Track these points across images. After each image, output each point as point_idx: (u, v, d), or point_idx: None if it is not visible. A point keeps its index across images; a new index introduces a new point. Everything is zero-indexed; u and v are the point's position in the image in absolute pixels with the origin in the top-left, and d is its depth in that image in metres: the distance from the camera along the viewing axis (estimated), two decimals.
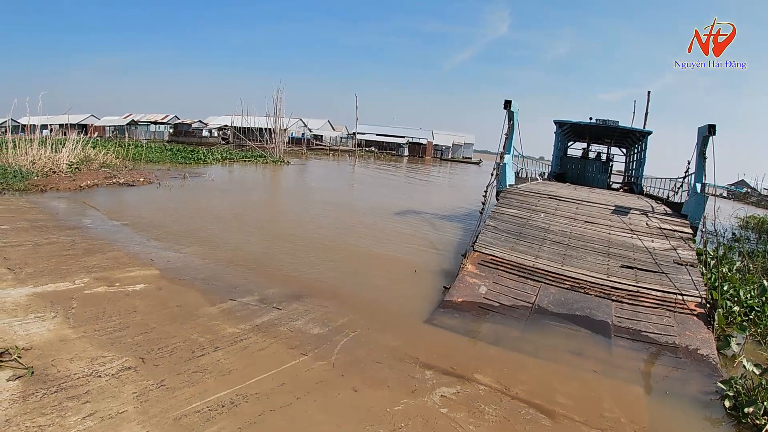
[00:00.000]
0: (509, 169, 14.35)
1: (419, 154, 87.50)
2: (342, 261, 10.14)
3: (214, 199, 18.04)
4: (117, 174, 21.10)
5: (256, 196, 21.07)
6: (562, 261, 9.37)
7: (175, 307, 6.66)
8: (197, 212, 14.86)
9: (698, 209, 11.88)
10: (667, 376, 6.22)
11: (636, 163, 25.08)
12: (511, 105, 13.29)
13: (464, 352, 6.22)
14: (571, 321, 7.42)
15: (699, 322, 7.60)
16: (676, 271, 9.13)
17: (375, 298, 8.06)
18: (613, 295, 8.23)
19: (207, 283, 7.86)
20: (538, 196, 13.46)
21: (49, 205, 13.71)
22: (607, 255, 9.74)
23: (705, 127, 12.02)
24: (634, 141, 25.16)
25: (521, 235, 10.48)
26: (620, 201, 14.52)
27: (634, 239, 10.56)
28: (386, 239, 12.65)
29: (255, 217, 15.16)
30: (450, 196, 27.44)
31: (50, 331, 5.47)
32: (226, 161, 36.87)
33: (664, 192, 19.15)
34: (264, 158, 41.90)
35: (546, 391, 5.29)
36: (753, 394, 5.46)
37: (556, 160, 25.75)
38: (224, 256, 9.69)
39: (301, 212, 16.87)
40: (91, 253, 8.91)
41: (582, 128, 24.17)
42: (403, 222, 15.69)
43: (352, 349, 5.85)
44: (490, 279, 8.59)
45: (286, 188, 27.03)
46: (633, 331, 7.23)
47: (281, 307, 7.05)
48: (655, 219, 11.99)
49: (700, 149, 12.56)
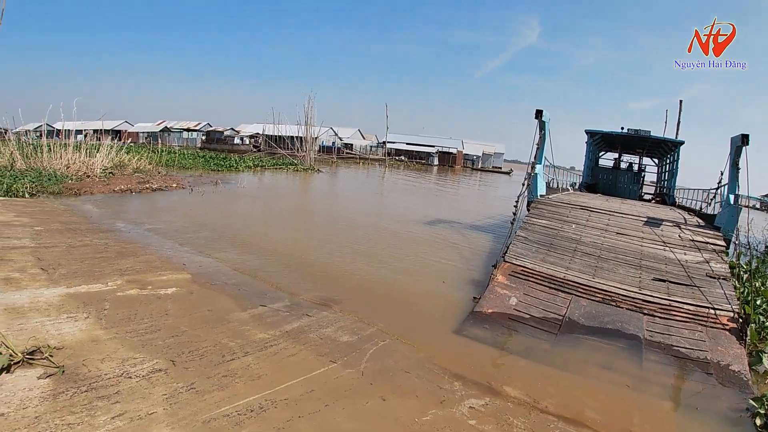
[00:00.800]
0: (540, 179, 14.34)
1: (449, 164, 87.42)
2: (371, 270, 10.25)
3: (246, 206, 18.36)
4: (150, 179, 21.66)
5: (287, 204, 21.36)
6: (593, 273, 9.37)
7: (206, 311, 6.81)
8: (229, 218, 15.14)
9: (731, 221, 11.75)
10: (698, 391, 6.19)
11: (668, 174, 24.75)
12: (543, 114, 13.31)
13: (493, 363, 6.30)
14: (601, 334, 7.42)
15: (731, 337, 7.54)
16: (708, 285, 9.06)
17: (404, 307, 8.15)
18: (644, 309, 8.20)
19: (238, 289, 8.02)
20: (570, 206, 13.43)
21: (82, 208, 14.12)
22: (639, 267, 9.70)
23: (738, 137, 11.90)
24: (666, 151, 24.83)
25: (552, 246, 10.49)
26: (652, 212, 14.41)
27: (667, 251, 10.50)
28: (416, 248, 12.73)
29: (286, 224, 15.40)
30: (480, 205, 27.37)
31: (82, 331, 5.60)
32: (258, 168, 37.42)
33: (696, 203, 18.91)
34: (295, 166, 42.39)
35: (575, 405, 5.32)
36: None
37: (587, 171, 25.59)
38: (255, 262, 9.88)
39: (332, 220, 17.08)
40: (124, 256, 9.14)
41: (613, 138, 23.95)
42: (432, 231, 15.75)
43: (381, 357, 5.94)
44: (521, 290, 8.63)
45: (317, 196, 27.26)
46: (664, 346, 7.20)
47: (311, 314, 7.17)
48: (688, 231, 11.90)
49: (733, 159, 12.42)
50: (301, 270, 9.64)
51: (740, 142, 11.81)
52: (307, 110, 52.97)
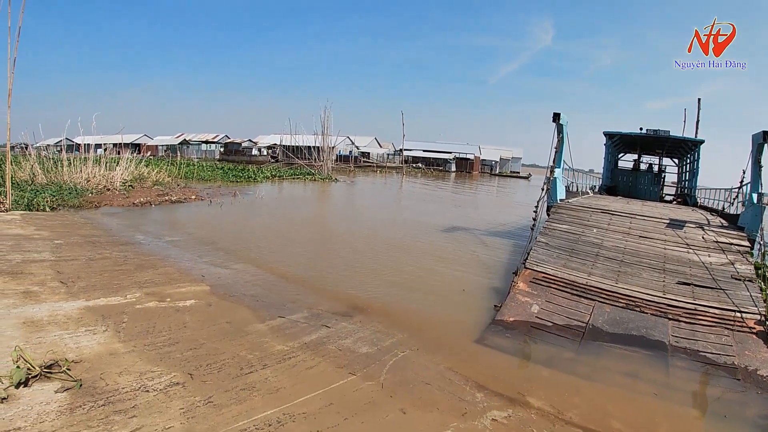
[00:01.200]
0: (560, 183, 14.22)
1: (466, 170, 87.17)
2: (390, 279, 10.22)
3: (264, 217, 18.48)
4: (169, 191, 21.95)
5: (305, 214, 21.42)
6: (616, 278, 9.25)
7: (225, 323, 6.82)
8: (247, 229, 15.26)
9: (755, 221, 11.55)
10: (726, 398, 6.07)
11: (689, 174, 24.38)
12: (560, 118, 13.20)
13: (516, 373, 6.24)
14: (626, 341, 7.32)
15: (758, 340, 7.40)
16: (734, 287, 8.91)
17: (424, 317, 8.09)
18: (669, 314, 8.07)
19: (256, 300, 8.05)
20: (590, 210, 13.30)
21: (102, 221, 14.36)
22: (662, 271, 9.56)
23: (759, 134, 11.69)
24: (686, 151, 24.49)
25: (574, 252, 10.39)
26: (674, 214, 14.21)
27: (690, 254, 10.34)
28: (435, 256, 12.68)
29: (304, 235, 15.44)
30: (499, 211, 27.21)
31: (100, 344, 5.63)
32: (276, 179, 37.69)
33: (718, 203, 18.62)
34: (312, 176, 42.65)
35: (600, 416, 5.24)
36: None
37: (606, 173, 25.31)
38: (274, 272, 9.92)
39: (350, 229, 17.08)
40: (143, 268, 9.23)
41: (632, 139, 23.70)
42: (451, 239, 15.69)
43: (401, 369, 5.89)
44: (543, 297, 8.55)
45: (335, 205, 27.32)
46: (690, 351, 7.07)
47: (330, 325, 7.16)
48: (711, 232, 11.71)
49: (755, 157, 12.20)
50: (320, 281, 9.65)
51: (762, 139, 11.60)
52: (323, 120, 53.21)
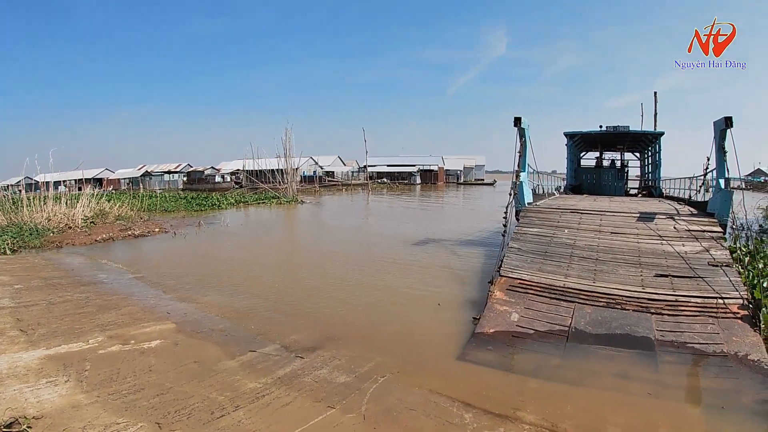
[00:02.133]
0: (526, 186, 14.13)
1: (431, 181, 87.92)
2: (363, 301, 9.91)
3: (230, 245, 18.01)
4: (132, 226, 21.52)
5: (272, 239, 21.02)
6: (593, 277, 9.09)
7: (193, 363, 6.46)
8: (213, 260, 14.84)
9: (725, 206, 11.54)
10: (721, 388, 5.89)
11: (651, 166, 24.88)
12: (521, 122, 13.18)
13: (503, 388, 5.93)
14: (611, 341, 7.11)
15: (744, 325, 7.27)
16: (712, 274, 8.82)
17: (401, 337, 7.79)
18: (651, 308, 7.91)
19: (225, 335, 7.69)
20: (559, 211, 13.20)
21: (64, 261, 13.87)
22: (639, 265, 9.44)
23: (721, 120, 11.74)
24: (647, 144, 24.93)
25: (547, 255, 10.21)
26: (643, 207, 14.21)
27: (664, 245, 10.26)
28: (407, 272, 12.39)
29: (272, 261, 15.03)
30: (467, 220, 27.00)
31: (62, 396, 5.29)
32: (240, 205, 37.09)
33: (684, 192, 18.80)
34: (277, 199, 42.04)
35: (596, 423, 5.00)
36: None
37: (570, 173, 25.57)
38: (242, 304, 9.55)
39: (318, 252, 16.67)
40: (106, 309, 8.85)
41: (593, 137, 24.06)
42: (422, 252, 15.44)
43: (383, 396, 5.56)
44: (521, 304, 8.31)
45: (302, 228, 26.90)
46: (678, 344, 6.91)
47: (304, 355, 6.82)
48: (682, 221, 11.68)
49: (718, 144, 12.26)
50: (291, 309, 9.27)
51: (724, 125, 11.65)
52: (285, 142, 53.14)
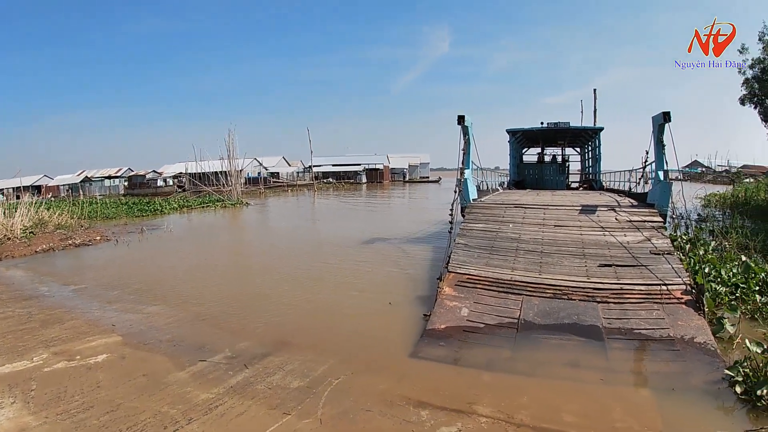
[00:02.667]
0: (471, 183, 14.20)
1: (377, 180, 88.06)
2: (313, 303, 9.71)
3: (175, 251, 17.50)
4: (73, 235, 20.61)
5: (217, 244, 20.45)
6: (539, 269, 9.15)
7: (142, 376, 6.18)
8: (158, 267, 14.36)
9: (664, 196, 11.85)
10: (670, 371, 5.98)
11: (592, 161, 25.58)
12: (465, 120, 13.25)
13: (457, 382, 5.84)
14: (560, 331, 7.16)
15: (688, 309, 7.43)
16: (654, 262, 9.01)
17: (354, 338, 7.64)
18: (597, 297, 8.01)
19: (173, 345, 7.39)
20: (504, 206, 13.30)
21: (3, 275, 13.26)
22: (583, 256, 9.55)
23: (659, 115, 12.05)
24: (587, 139, 25.60)
25: (494, 249, 10.23)
26: (584, 200, 14.49)
27: (607, 236, 10.43)
28: (356, 273, 12.25)
29: (218, 266, 14.60)
30: (414, 217, 26.97)
31: (9, 420, 5.01)
32: (184, 209, 36.02)
33: (624, 185, 19.31)
34: (222, 202, 40.96)
35: (551, 412, 4.96)
36: (761, 375, 5.26)
37: (513, 168, 26.01)
38: (189, 312, 9.21)
39: (266, 255, 16.32)
40: (49, 324, 8.46)
41: (534, 134, 24.55)
42: (371, 251, 15.32)
43: (338, 399, 5.41)
44: (470, 299, 8.27)
45: (248, 231, 26.36)
46: (625, 331, 7.00)
47: (256, 361, 6.59)
48: (623, 213, 11.92)
49: (657, 137, 12.59)
50: (240, 315, 8.96)
51: (662, 119, 11.97)
52: (228, 144, 51.75)
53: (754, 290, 8.32)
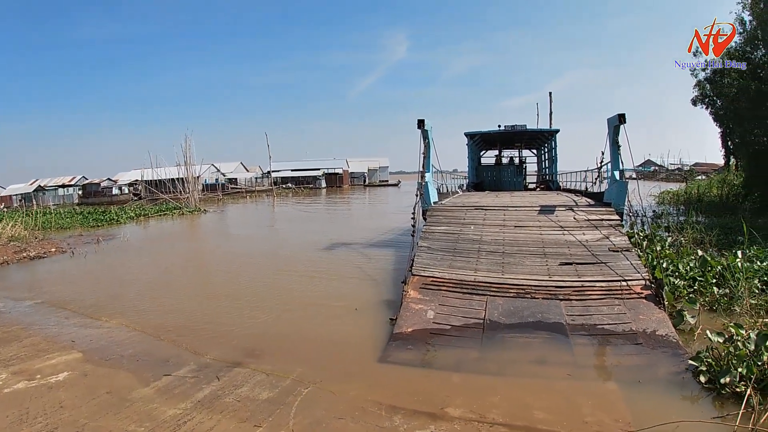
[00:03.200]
0: (431, 186, 14.28)
1: (337, 184, 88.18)
2: (278, 312, 9.53)
3: (133, 261, 17.01)
4: (27, 247, 19.77)
5: (176, 253, 20.00)
6: (502, 270, 9.22)
7: (105, 394, 5.93)
8: (116, 278, 13.92)
9: (620, 195, 12.14)
10: (634, 364, 6.10)
11: (549, 162, 26.11)
12: (424, 124, 13.33)
13: (428, 385, 5.82)
14: (525, 329, 7.22)
15: (649, 303, 7.61)
16: (614, 259, 9.19)
17: (321, 345, 7.53)
18: (559, 295, 8.13)
19: (136, 360, 7.13)
20: (465, 208, 13.40)
21: None
22: (544, 256, 9.68)
23: (615, 117, 12.37)
24: (544, 141, 26.12)
25: (456, 251, 10.28)
26: (543, 200, 14.71)
27: (566, 235, 10.60)
28: (320, 279, 12.12)
29: (178, 276, 14.30)
30: (376, 221, 26.91)
31: None
32: (141, 218, 35.12)
33: (580, 184, 19.70)
34: (179, 210, 40.10)
35: (522, 410, 4.99)
36: (724, 364, 5.38)
37: (471, 171, 26.29)
38: (151, 324, 8.93)
39: (227, 264, 16.00)
40: (6, 342, 8.09)
41: (492, 136, 24.91)
42: (334, 257, 15.24)
43: (309, 408, 5.31)
44: (436, 302, 8.28)
45: (207, 240, 25.85)
46: (588, 327, 7.12)
47: (222, 374, 6.40)
48: (581, 212, 12.14)
49: (612, 139, 12.94)
50: (203, 326, 8.73)
51: (617, 121, 12.30)
52: (185, 150, 50.73)
53: (711, 283, 8.58)
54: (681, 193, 26.68)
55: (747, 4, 19.16)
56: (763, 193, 18.90)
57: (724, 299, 8.02)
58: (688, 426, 4.44)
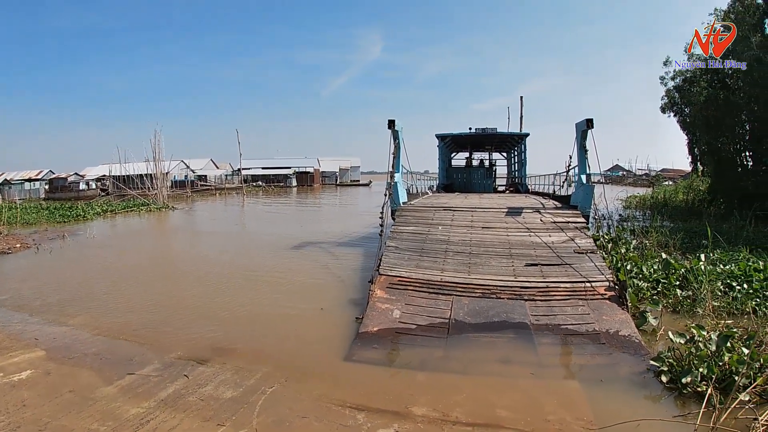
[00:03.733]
0: (401, 187, 14.27)
1: (307, 183, 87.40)
2: (244, 310, 9.39)
3: (98, 258, 16.56)
4: None
5: (143, 250, 19.55)
6: (468, 270, 9.25)
7: (68, 392, 5.77)
8: (81, 275, 13.55)
9: (587, 198, 12.28)
10: (597, 363, 6.16)
11: (518, 165, 26.40)
12: (395, 124, 13.31)
13: (392, 384, 5.78)
14: (490, 329, 7.24)
15: (612, 304, 7.71)
16: (578, 261, 9.29)
17: (287, 344, 7.45)
18: (524, 295, 8.18)
19: (100, 358, 6.94)
20: (433, 209, 13.42)
21: None
22: (510, 257, 9.74)
23: (583, 122, 12.50)
24: (514, 144, 26.43)
25: (424, 251, 10.28)
26: (511, 202, 14.81)
27: (533, 237, 10.67)
28: (288, 278, 11.99)
29: (144, 274, 14.00)
30: (345, 221, 26.88)
31: None
32: (108, 214, 34.28)
33: (549, 188, 19.91)
34: (147, 206, 39.26)
35: (485, 408, 4.98)
36: (686, 364, 5.46)
37: (442, 172, 26.41)
38: (116, 322, 8.71)
39: (194, 262, 15.76)
40: None
41: (463, 139, 25.08)
42: (302, 256, 15.11)
43: (273, 407, 5.22)
44: (402, 301, 8.25)
45: (175, 237, 25.34)
46: (552, 326, 7.17)
47: (186, 373, 6.27)
48: (548, 214, 12.26)
49: (580, 143, 13.08)
50: (168, 324, 8.56)
51: (585, 126, 12.44)
52: (154, 145, 49.01)
53: (674, 285, 8.72)
54: (647, 197, 27.15)
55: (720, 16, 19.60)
56: (727, 199, 19.41)
57: (687, 301, 8.17)
58: (649, 424, 4.49)
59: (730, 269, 9.23)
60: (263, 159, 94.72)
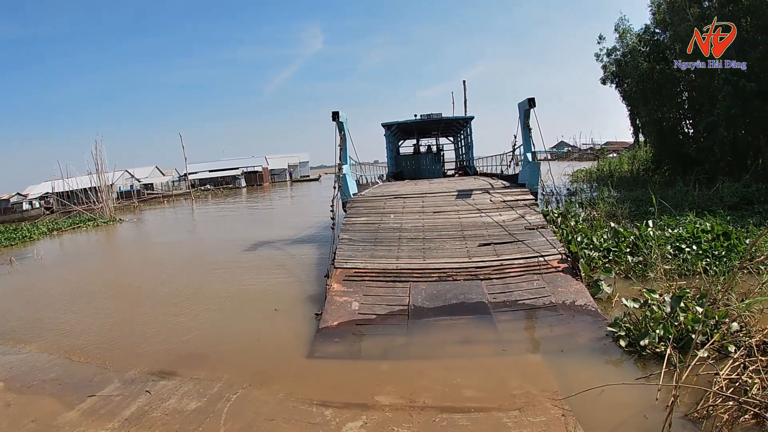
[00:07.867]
0: (350, 178, 14.15)
1: (257, 182, 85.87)
2: (201, 319, 9.14)
3: (49, 281, 15.87)
4: None
5: (93, 268, 18.78)
6: (423, 256, 9.24)
7: (30, 423, 5.53)
8: (32, 299, 12.96)
9: (534, 176, 12.42)
10: (557, 334, 6.25)
11: (465, 148, 26.69)
12: (340, 116, 13.17)
13: (357, 376, 5.73)
14: (449, 311, 7.27)
15: (566, 276, 7.82)
16: (530, 237, 9.39)
17: (247, 348, 7.29)
18: (480, 275, 8.23)
19: (59, 383, 6.67)
20: (384, 198, 13.37)
21: None
22: (463, 239, 9.77)
23: (525, 102, 12.62)
24: (459, 128, 26.64)
25: (377, 240, 10.22)
26: (460, 185, 14.88)
27: (484, 217, 10.73)
28: (243, 281, 11.75)
29: (97, 292, 13.49)
30: (297, 217, 26.60)
31: None
32: (54, 233, 33.02)
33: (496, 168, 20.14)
34: (94, 221, 38.17)
35: (451, 390, 4.98)
36: (642, 327, 5.57)
37: (390, 161, 26.47)
38: (72, 344, 8.33)
39: (145, 274, 15.31)
40: None
41: (409, 126, 25.06)
42: (256, 257, 14.86)
43: (240, 413, 5.11)
44: (360, 292, 8.18)
45: (125, 250, 24.45)
46: (510, 303, 7.24)
47: (148, 388, 6.06)
48: (497, 194, 12.35)
49: (523, 122, 13.21)
50: (125, 341, 8.25)
51: (528, 105, 12.56)
52: (95, 157, 47.22)
53: (625, 252, 8.95)
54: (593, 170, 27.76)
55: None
56: (671, 167, 20.08)
57: (639, 267, 8.40)
58: (613, 389, 4.53)
59: (678, 233, 9.47)
60: (210, 162, 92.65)
